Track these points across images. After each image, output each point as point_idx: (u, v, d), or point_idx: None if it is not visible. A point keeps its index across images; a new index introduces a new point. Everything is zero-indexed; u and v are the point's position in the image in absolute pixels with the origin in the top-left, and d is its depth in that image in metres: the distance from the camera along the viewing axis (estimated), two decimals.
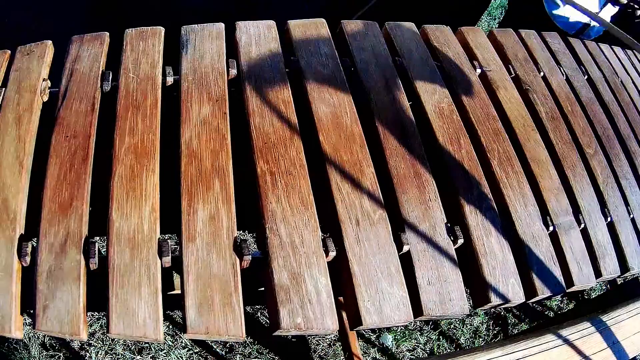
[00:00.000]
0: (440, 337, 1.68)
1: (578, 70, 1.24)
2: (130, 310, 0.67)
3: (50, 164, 0.77)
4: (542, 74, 1.17)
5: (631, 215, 1.03)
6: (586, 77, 1.24)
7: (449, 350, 1.67)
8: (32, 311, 0.66)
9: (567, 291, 0.89)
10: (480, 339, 1.71)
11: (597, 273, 0.93)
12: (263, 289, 0.78)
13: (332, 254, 0.76)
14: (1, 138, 0.78)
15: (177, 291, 0.75)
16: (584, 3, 1.60)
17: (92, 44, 0.92)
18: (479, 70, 1.10)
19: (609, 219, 1.00)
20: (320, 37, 1.02)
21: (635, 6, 1.55)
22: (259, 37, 0.99)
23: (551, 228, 0.91)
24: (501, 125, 1.01)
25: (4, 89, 0.84)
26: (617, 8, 1.61)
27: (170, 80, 0.90)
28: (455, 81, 1.05)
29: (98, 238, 0.76)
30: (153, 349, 1.48)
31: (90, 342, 1.45)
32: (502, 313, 1.77)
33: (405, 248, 0.80)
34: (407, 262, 0.80)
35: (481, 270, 0.83)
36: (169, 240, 0.73)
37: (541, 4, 1.63)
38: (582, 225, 0.95)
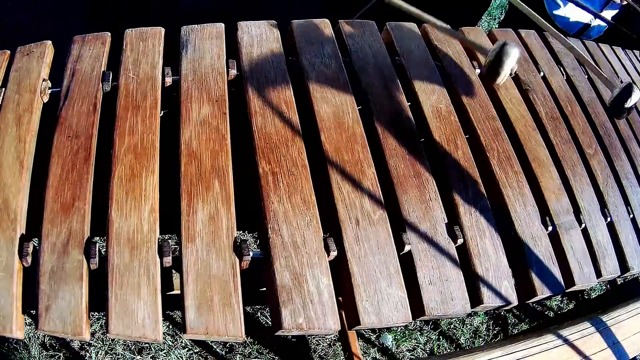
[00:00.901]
0: (440, 337, 1.68)
1: (578, 70, 1.24)
2: (130, 311, 0.67)
3: (52, 164, 0.77)
4: (542, 74, 1.17)
5: (631, 215, 1.04)
6: (587, 77, 1.24)
7: (449, 350, 1.67)
8: (33, 311, 0.66)
9: (567, 291, 0.89)
10: (480, 339, 1.71)
11: (597, 273, 0.93)
12: (263, 289, 0.78)
13: (333, 253, 0.76)
14: (1, 138, 0.78)
15: (177, 291, 0.75)
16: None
17: (94, 44, 0.92)
18: (478, 70, 1.10)
19: (609, 219, 1.00)
20: (324, 37, 1.02)
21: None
22: (260, 37, 0.99)
23: (550, 228, 0.91)
24: (501, 125, 1.01)
25: (3, 89, 0.84)
26: (616, 10, 1.61)
27: (169, 80, 0.90)
28: (455, 81, 1.05)
29: (98, 238, 0.76)
30: (153, 349, 1.48)
31: (91, 342, 1.44)
32: (502, 313, 1.77)
33: (407, 248, 0.80)
34: (408, 262, 0.80)
35: (475, 270, 0.83)
36: (169, 241, 0.73)
37: (541, 4, 1.63)
38: (583, 225, 0.95)
